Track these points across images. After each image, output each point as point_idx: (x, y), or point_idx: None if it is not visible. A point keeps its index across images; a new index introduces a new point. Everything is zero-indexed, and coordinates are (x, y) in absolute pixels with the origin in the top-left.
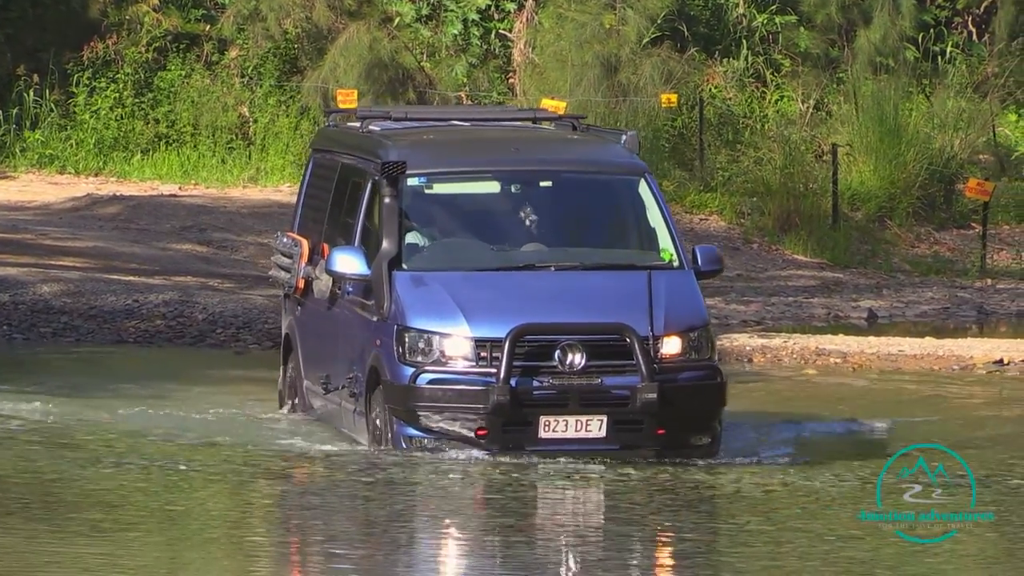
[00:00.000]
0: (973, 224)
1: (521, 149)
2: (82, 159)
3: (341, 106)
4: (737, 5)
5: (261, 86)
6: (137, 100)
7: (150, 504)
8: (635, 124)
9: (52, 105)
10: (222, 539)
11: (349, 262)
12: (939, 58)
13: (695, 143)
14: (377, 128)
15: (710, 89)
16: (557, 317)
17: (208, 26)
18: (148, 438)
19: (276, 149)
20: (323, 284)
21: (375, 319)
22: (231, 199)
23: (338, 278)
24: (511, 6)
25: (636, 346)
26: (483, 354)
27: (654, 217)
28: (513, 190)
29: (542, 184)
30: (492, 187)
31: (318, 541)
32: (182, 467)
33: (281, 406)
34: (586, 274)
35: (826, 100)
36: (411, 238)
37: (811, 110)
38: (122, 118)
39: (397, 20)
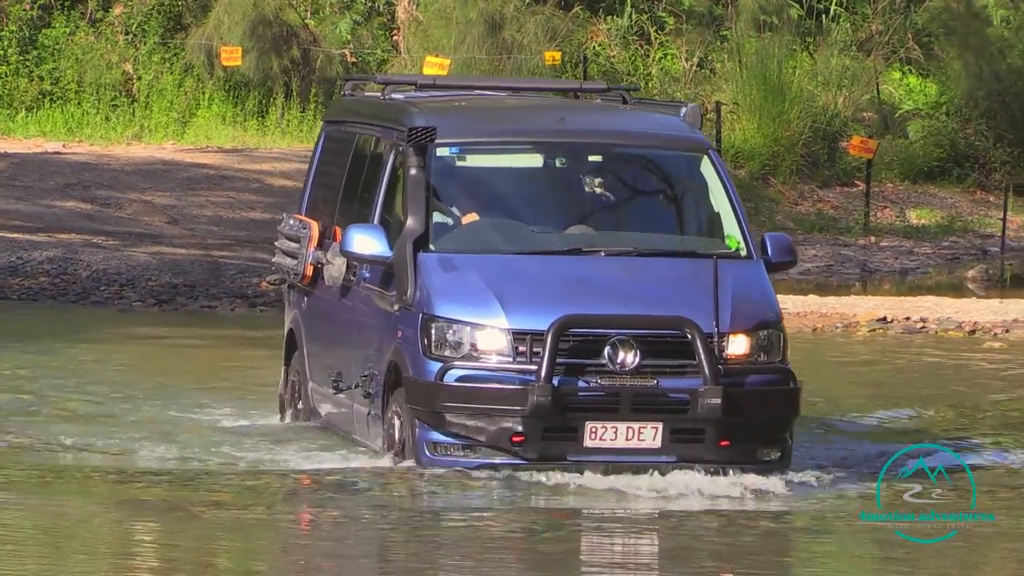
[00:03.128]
0: (857, 182)
1: (567, 119)
2: None
3: (225, 63)
4: None
5: (145, 43)
6: (21, 57)
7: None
8: None
9: None
10: None
11: (367, 242)
12: (823, 16)
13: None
14: (400, 96)
15: (594, 47)
16: (607, 309)
17: None
18: None
19: (160, 106)
20: (335, 269)
21: (396, 307)
22: (115, 156)
23: (354, 261)
24: None
25: (698, 344)
26: (522, 349)
27: (719, 199)
28: (558, 164)
29: (591, 159)
30: (534, 160)
31: None
32: None
33: (281, 414)
34: (641, 261)
35: (710, 58)
36: (439, 216)
37: (695, 68)
38: (6, 75)
39: None
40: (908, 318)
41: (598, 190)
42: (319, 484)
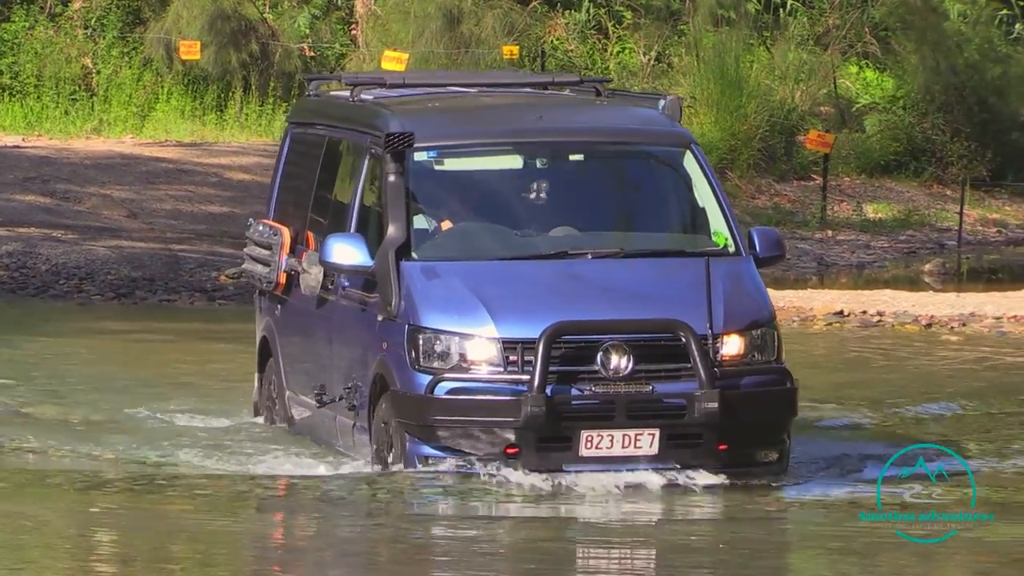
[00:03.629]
0: (814, 175)
1: (546, 117)
2: None
3: (184, 57)
4: None
5: (104, 37)
6: None
7: None
8: None
9: None
10: None
11: (348, 252)
12: (780, 10)
13: None
14: (370, 97)
15: (552, 41)
16: (598, 314)
17: None
18: None
19: (119, 100)
20: (312, 278)
21: (380, 318)
22: (74, 150)
23: (333, 271)
24: None
25: (693, 347)
26: (512, 358)
27: (703, 194)
28: (538, 165)
29: (572, 158)
30: (514, 162)
31: None
32: None
33: (256, 418)
34: (629, 262)
35: (667, 52)
36: (419, 222)
37: (652, 62)
38: None
39: None
40: (865, 312)
41: (566, 197)
42: (290, 489)
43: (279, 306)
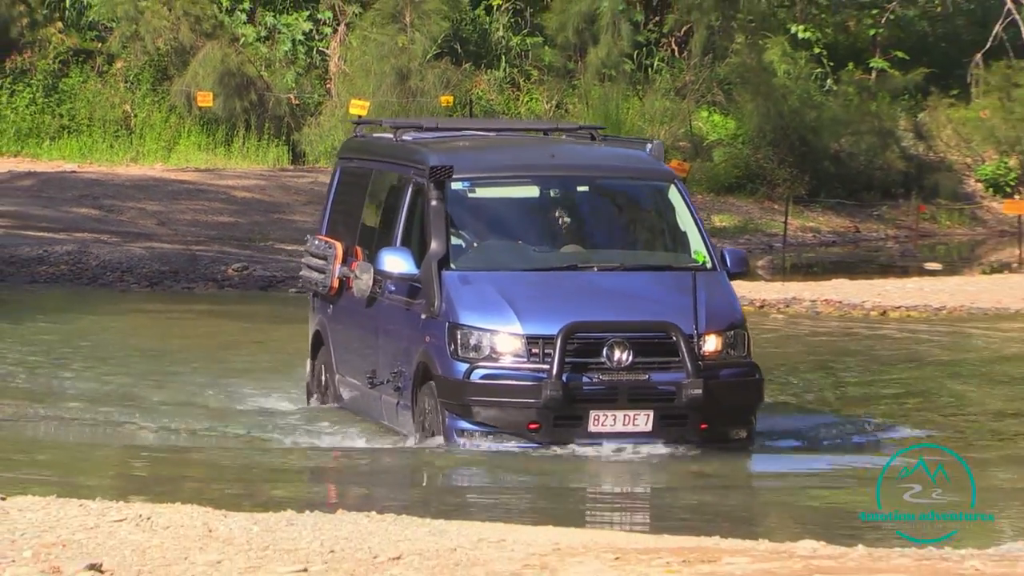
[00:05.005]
0: None
1: (557, 155)
2: (4, 144)
3: (200, 104)
4: (498, 29)
5: (140, 89)
6: (46, 100)
7: None
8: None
9: None
10: None
11: (397, 262)
12: (649, 69)
13: None
14: (409, 137)
15: (477, 92)
16: (605, 315)
17: (100, 44)
18: None
19: (151, 137)
20: (363, 283)
21: (424, 316)
22: (117, 174)
23: (385, 277)
24: (328, 30)
25: (682, 344)
26: (534, 351)
27: (685, 221)
28: (552, 194)
29: (579, 189)
30: (531, 191)
31: None
32: None
33: (308, 398)
34: (628, 274)
35: (565, 101)
36: (455, 240)
37: (554, 108)
38: (35, 113)
39: (242, 39)
40: None
41: (574, 220)
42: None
43: (331, 306)
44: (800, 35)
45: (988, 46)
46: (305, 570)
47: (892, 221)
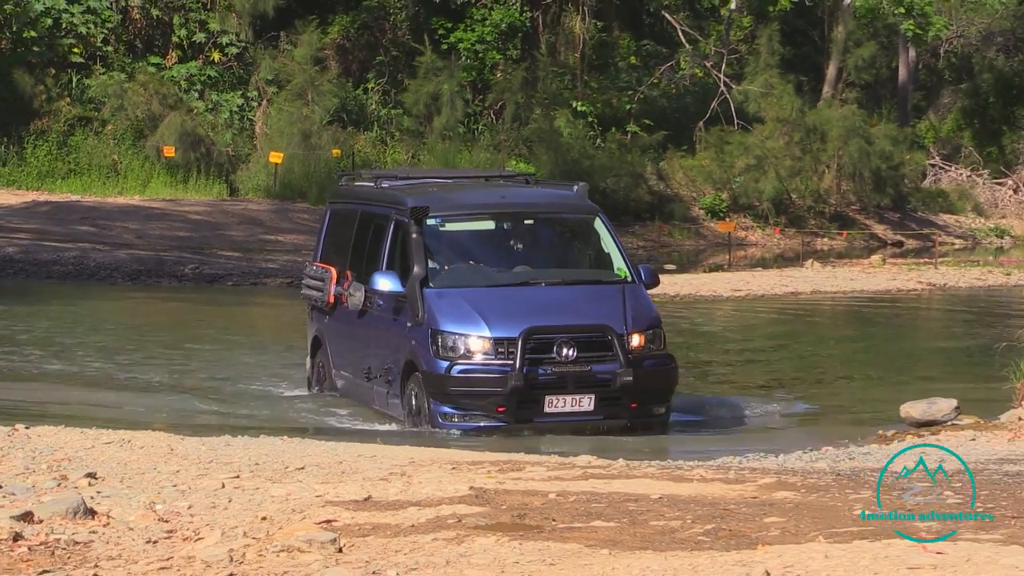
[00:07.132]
0: None
1: (507, 196)
2: (29, 182)
3: (166, 155)
4: (372, 103)
5: (124, 144)
6: (58, 151)
7: None
8: (318, 169)
9: (14, 154)
10: None
11: (387, 282)
12: (475, 131)
13: None
14: (387, 184)
15: (358, 147)
16: (555, 321)
17: (96, 112)
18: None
19: (132, 177)
20: (356, 299)
21: (409, 324)
22: (108, 203)
23: (375, 294)
24: (255, 103)
25: (615, 341)
26: (500, 350)
27: (608, 245)
28: (505, 226)
29: (526, 222)
30: (488, 224)
31: None
32: None
33: (310, 389)
34: (569, 288)
35: (418, 153)
36: (431, 264)
37: (410, 159)
38: (50, 160)
39: (195, 110)
40: None
41: (522, 247)
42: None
43: (327, 316)
44: (579, 108)
45: (707, 116)
46: (238, 476)
47: (642, 236)
